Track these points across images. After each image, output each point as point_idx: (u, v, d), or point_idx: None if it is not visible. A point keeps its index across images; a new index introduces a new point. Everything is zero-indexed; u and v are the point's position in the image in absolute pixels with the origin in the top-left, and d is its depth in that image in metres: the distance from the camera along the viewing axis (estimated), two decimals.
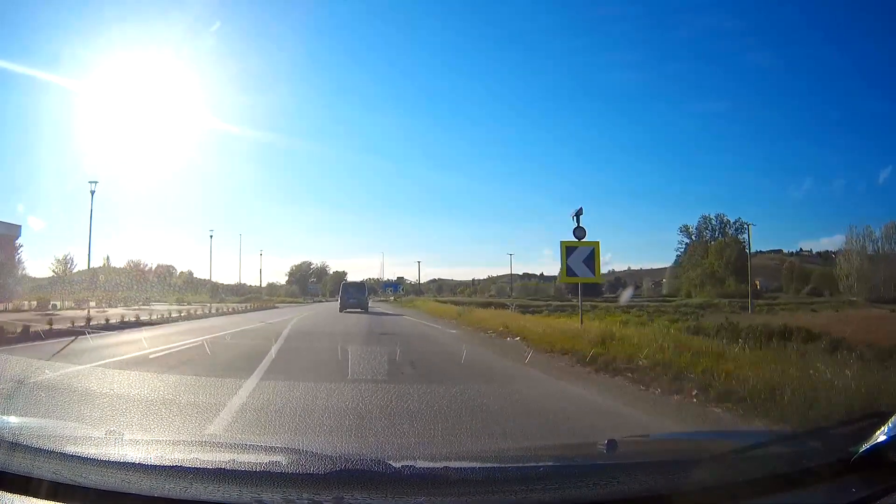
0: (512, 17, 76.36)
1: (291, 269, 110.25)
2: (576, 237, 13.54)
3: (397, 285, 68.12)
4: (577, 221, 13.75)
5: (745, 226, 70.34)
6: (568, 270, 13.22)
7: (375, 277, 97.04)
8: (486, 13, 76.22)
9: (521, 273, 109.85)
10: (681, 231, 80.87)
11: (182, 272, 79.08)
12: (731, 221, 77.53)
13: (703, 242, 78.52)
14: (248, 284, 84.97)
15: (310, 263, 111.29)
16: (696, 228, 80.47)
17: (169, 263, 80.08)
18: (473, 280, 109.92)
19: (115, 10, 59.06)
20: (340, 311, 31.37)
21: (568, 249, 13.25)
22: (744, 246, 69.31)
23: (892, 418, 1.73)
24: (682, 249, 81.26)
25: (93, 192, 29.24)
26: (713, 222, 79.26)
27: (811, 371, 6.13)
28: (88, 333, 13.45)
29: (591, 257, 13.17)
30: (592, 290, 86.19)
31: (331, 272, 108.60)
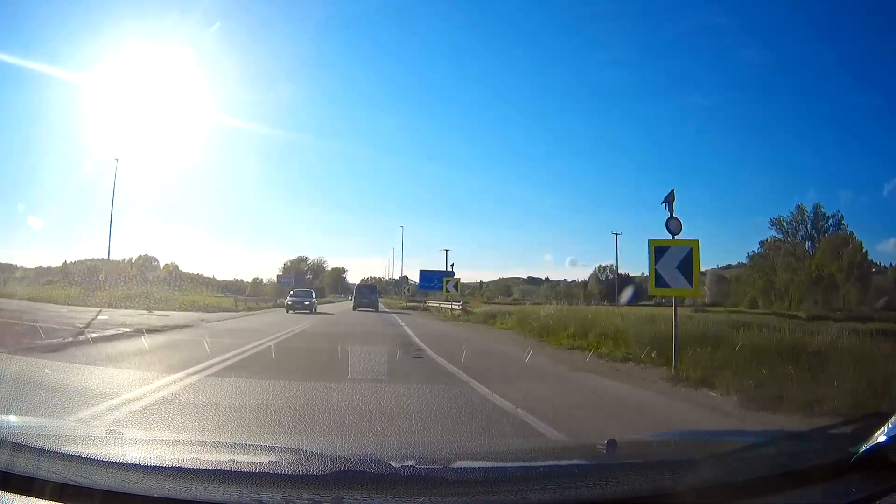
0: (507, 14, 75.91)
1: (285, 265, 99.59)
2: (669, 231, 9.77)
3: (452, 273, 37.71)
4: (670, 210, 9.77)
5: (844, 222, 56.31)
6: (657, 279, 9.58)
7: (378, 276, 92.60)
8: (479, 13, 75.77)
9: (525, 277, 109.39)
10: (772, 225, 61.36)
11: (166, 264, 73.27)
12: (828, 215, 58.42)
13: (789, 240, 59.85)
14: (245, 280, 79.15)
15: (305, 258, 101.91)
16: (788, 223, 60.11)
17: (152, 255, 70.14)
18: (481, 282, 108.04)
19: (118, 4, 58.73)
20: (354, 309, 35.03)
21: (657, 251, 9.60)
22: (861, 244, 52.51)
23: (892, 418, 1.73)
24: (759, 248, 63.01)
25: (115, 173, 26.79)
26: (808, 215, 59.51)
27: None
28: None
29: (688, 262, 9.57)
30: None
31: (329, 269, 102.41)
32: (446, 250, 40.16)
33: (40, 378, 6.63)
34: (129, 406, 5.33)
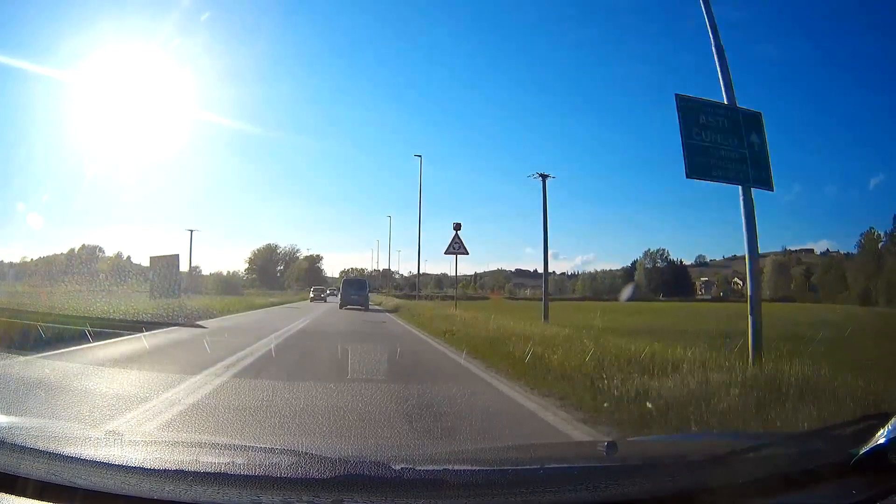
0: (516, 8, 75.67)
1: (252, 255, 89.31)
2: None
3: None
4: None
5: None
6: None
7: (360, 268, 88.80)
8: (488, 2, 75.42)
9: (513, 269, 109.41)
10: None
11: (116, 253, 64.68)
12: None
13: None
14: (206, 274, 72.89)
15: (275, 247, 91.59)
16: None
17: (96, 244, 66.51)
18: (475, 273, 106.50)
19: (104, 2, 58.70)
20: (341, 307, 29.76)
21: None
22: None
23: (893, 420, 1.73)
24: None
25: None
26: None
27: None
28: None
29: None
30: (682, 288, 67.96)
31: (301, 257, 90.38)
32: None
33: None
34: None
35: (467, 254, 23.43)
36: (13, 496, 1.56)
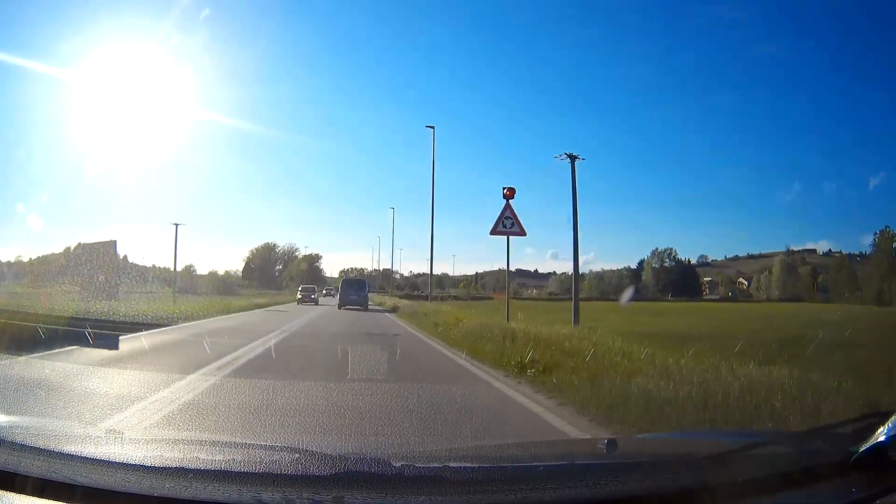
0: (516, 8, 75.71)
1: (250, 254, 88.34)
2: None
3: None
4: None
5: None
6: None
7: (360, 268, 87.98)
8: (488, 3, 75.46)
9: (514, 269, 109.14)
10: None
11: (105, 244, 64.22)
12: None
13: None
14: (201, 274, 71.61)
15: (274, 246, 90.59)
16: None
17: (87, 242, 65.52)
18: (476, 273, 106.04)
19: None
20: (339, 307, 29.07)
21: None
22: None
23: (893, 418, 1.72)
24: None
25: None
26: None
27: None
28: None
29: None
30: (690, 288, 66.45)
31: (300, 256, 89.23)
32: None
33: None
34: None
35: (524, 234, 16.16)
36: (13, 493, 1.57)
